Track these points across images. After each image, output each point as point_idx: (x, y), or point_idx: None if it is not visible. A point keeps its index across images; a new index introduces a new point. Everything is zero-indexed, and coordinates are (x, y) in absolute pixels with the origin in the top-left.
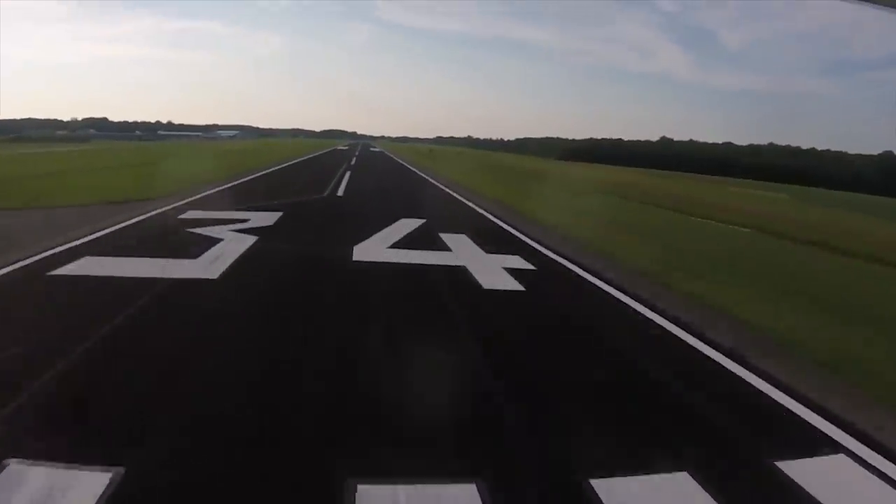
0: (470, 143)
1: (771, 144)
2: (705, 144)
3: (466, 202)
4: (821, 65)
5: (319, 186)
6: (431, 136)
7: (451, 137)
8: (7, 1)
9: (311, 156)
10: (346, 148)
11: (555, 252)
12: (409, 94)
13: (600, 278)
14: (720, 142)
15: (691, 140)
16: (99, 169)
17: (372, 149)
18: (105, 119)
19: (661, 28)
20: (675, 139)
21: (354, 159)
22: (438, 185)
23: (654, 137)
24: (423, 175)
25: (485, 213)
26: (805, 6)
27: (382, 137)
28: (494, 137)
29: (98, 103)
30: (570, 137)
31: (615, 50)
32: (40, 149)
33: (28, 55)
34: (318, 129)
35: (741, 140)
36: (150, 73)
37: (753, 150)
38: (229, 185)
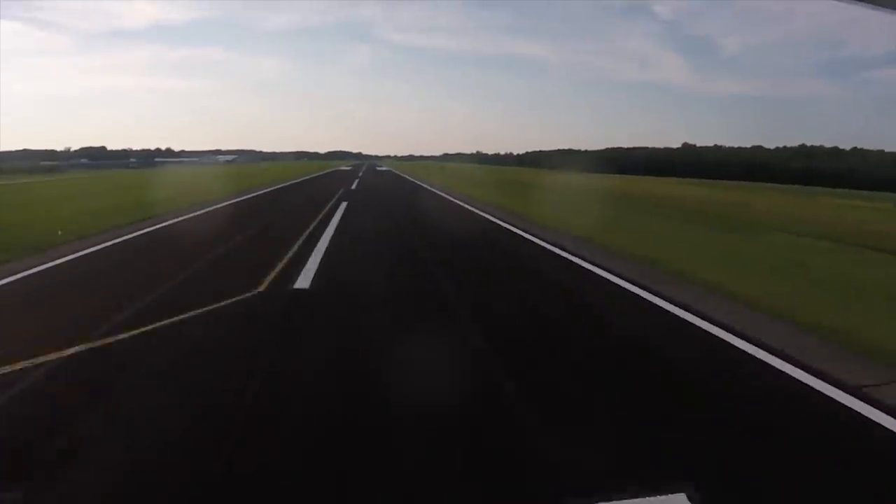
0: (479, 158)
1: (802, 146)
2: (731, 149)
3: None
4: (822, 65)
5: (271, 251)
6: (438, 153)
7: (459, 154)
8: (9, 34)
9: (301, 179)
10: (350, 168)
11: None
12: (412, 112)
13: None
14: (748, 146)
15: (716, 145)
16: None
17: (378, 168)
18: (103, 148)
19: (660, 37)
20: (699, 145)
21: (356, 182)
22: (521, 233)
23: (663, 144)
24: (474, 210)
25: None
26: (805, 7)
27: (388, 157)
28: (503, 152)
29: (98, 133)
30: (583, 148)
31: (615, 60)
32: None
33: (30, 87)
34: (322, 150)
35: (757, 143)
36: (151, 102)
37: (784, 152)
38: (76, 254)
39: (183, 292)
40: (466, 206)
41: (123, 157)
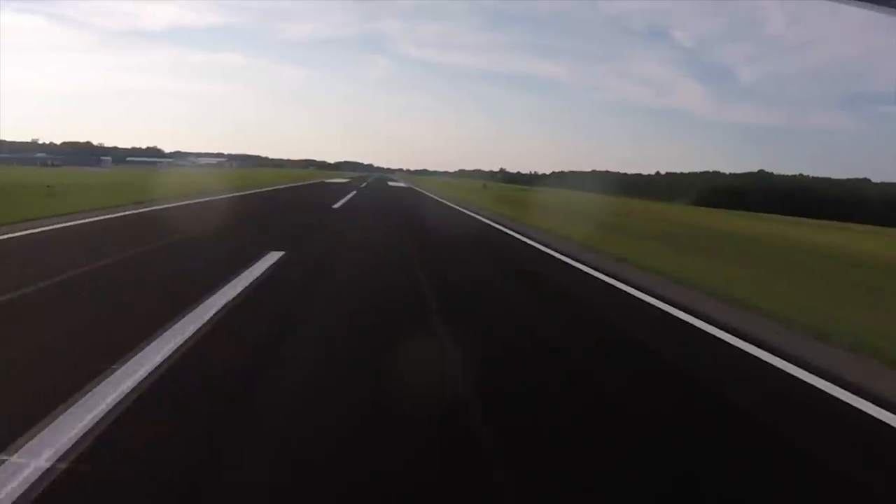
0: (503, 176)
1: None
2: (816, 179)
3: None
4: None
5: None
6: (452, 168)
7: (476, 170)
8: (37, 27)
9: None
10: (346, 181)
11: None
12: (427, 127)
13: None
14: (846, 177)
15: (800, 174)
16: None
17: (391, 183)
18: (89, 143)
19: (678, 64)
20: (775, 172)
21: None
22: None
23: (683, 169)
24: None
25: None
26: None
27: (400, 170)
28: (525, 171)
29: (97, 129)
30: (618, 171)
31: (633, 84)
32: None
33: (47, 82)
34: (332, 160)
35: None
36: (163, 102)
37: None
38: None
39: None
40: None
41: (103, 154)
